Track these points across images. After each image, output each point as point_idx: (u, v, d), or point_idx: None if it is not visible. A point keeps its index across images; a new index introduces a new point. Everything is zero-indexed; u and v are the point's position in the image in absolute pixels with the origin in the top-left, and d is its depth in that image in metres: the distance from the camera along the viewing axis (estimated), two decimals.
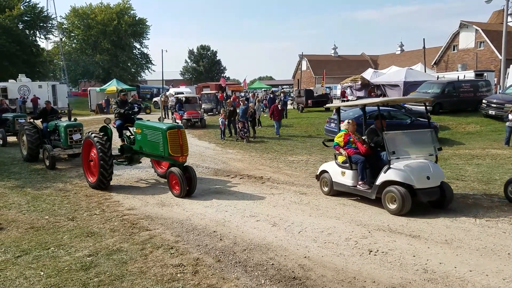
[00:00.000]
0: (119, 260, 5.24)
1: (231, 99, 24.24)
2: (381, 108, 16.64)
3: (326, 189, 8.31)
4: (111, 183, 9.17)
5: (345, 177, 7.81)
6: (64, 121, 12.54)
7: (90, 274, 4.85)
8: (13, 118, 16.05)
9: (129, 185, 9.53)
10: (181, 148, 8.27)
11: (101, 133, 9.06)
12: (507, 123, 14.43)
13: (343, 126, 8.20)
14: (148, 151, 8.92)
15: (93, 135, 9.00)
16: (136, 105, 10.72)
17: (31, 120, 13.33)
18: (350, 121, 8.23)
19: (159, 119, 10.64)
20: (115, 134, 9.89)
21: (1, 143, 16.08)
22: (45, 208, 7.65)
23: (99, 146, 8.69)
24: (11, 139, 16.33)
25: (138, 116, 10.38)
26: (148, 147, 8.82)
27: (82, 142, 9.63)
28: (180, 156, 8.27)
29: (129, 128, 9.98)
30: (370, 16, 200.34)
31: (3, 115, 16.85)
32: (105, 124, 9.30)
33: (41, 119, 12.93)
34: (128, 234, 6.20)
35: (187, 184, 8.09)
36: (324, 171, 8.43)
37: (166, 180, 8.81)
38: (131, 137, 9.73)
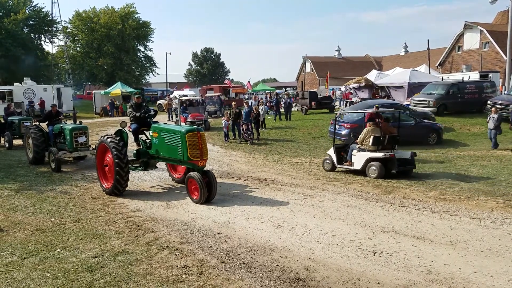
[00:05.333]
0: (125, 261, 5.28)
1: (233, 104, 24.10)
2: (385, 110, 16.71)
3: None
4: None
5: None
6: (69, 124, 12.63)
7: (96, 275, 4.89)
8: (19, 121, 16.16)
9: (135, 188, 9.56)
10: (200, 151, 7.95)
11: (117, 137, 8.72)
12: (489, 125, 14.27)
13: None
14: (165, 155, 8.58)
15: (108, 139, 8.65)
16: (153, 108, 10.38)
17: (37, 123, 13.44)
18: None
19: (175, 122, 10.40)
20: (131, 138, 9.56)
21: (7, 146, 16.22)
22: (50, 210, 7.71)
23: (115, 152, 8.35)
24: (17, 142, 16.46)
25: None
26: (166, 151, 8.48)
27: (97, 146, 9.28)
28: (200, 160, 7.94)
29: (145, 132, 9.68)
30: (375, 18, 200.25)
31: (9, 118, 17.00)
32: (121, 128, 9.03)
33: (46, 122, 13.02)
34: (133, 235, 6.24)
35: (207, 190, 7.82)
36: None
37: (182, 185, 8.67)
38: (147, 141, 9.44)
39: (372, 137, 9.95)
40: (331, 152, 10.96)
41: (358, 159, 10.18)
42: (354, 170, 10.37)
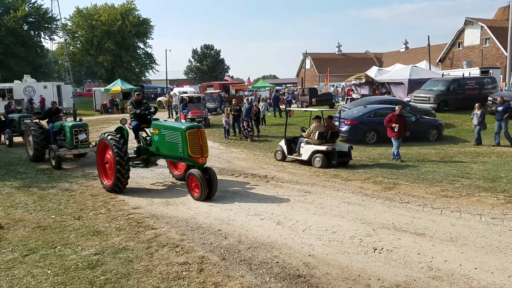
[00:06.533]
0: (125, 258, 5.28)
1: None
2: (386, 106, 16.70)
3: None
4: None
5: None
6: (69, 121, 12.62)
7: (96, 272, 4.90)
8: (19, 119, 16.14)
9: (136, 185, 9.56)
10: (201, 148, 7.93)
11: (117, 135, 8.69)
12: (474, 121, 14.29)
13: None
14: (165, 152, 8.57)
15: (108, 136, 8.62)
16: (153, 105, 10.31)
17: (37, 121, 13.42)
18: None
19: (176, 119, 10.38)
20: (131, 135, 9.51)
21: (7, 143, 16.22)
22: (51, 208, 7.71)
23: (116, 149, 8.31)
24: (17, 139, 16.45)
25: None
26: (166, 148, 8.47)
27: (97, 143, 9.26)
28: (200, 157, 7.93)
29: (145, 129, 9.64)
30: (376, 15, 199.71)
31: (9, 115, 16.99)
32: (121, 125, 9.00)
33: (46, 120, 13.01)
34: (133, 232, 6.25)
35: (208, 187, 7.83)
36: None
37: (182, 182, 8.66)
38: (148, 138, 9.42)
39: (317, 132, 11.29)
40: (282, 143, 12.28)
41: (305, 151, 11.51)
42: (302, 160, 11.66)
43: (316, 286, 4.47)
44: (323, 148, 11.11)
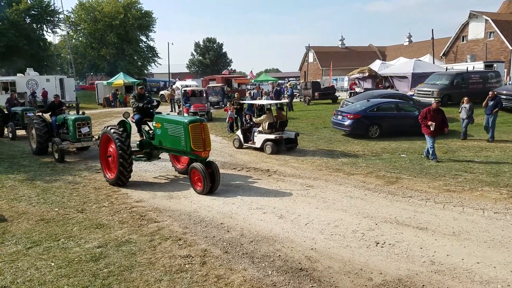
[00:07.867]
0: (128, 251, 5.31)
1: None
2: (389, 100, 16.63)
3: None
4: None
5: None
6: (72, 115, 12.63)
7: (99, 265, 4.93)
8: (22, 112, 16.18)
9: (138, 179, 9.58)
10: (203, 142, 7.96)
11: (120, 128, 8.75)
12: (462, 115, 14.21)
13: None
14: (168, 146, 8.61)
15: (111, 130, 8.66)
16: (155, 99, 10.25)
17: (40, 114, 13.45)
18: None
19: (178, 113, 10.39)
20: (134, 129, 9.56)
21: (10, 136, 16.27)
22: (54, 201, 7.75)
23: (118, 143, 8.35)
24: (21, 132, 16.50)
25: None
26: (169, 142, 8.51)
27: (100, 136, 9.30)
28: (203, 151, 7.97)
29: (148, 122, 9.66)
30: (380, 8, 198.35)
31: (12, 108, 17.02)
32: (124, 118, 9.02)
33: (49, 113, 13.04)
34: (136, 226, 6.28)
35: (210, 181, 7.85)
36: None
37: (185, 176, 8.66)
38: (150, 132, 9.45)
39: (267, 123, 12.51)
40: (239, 133, 13.82)
41: (258, 139, 12.90)
42: (256, 148, 12.98)
43: (318, 279, 4.48)
44: (272, 136, 12.48)
